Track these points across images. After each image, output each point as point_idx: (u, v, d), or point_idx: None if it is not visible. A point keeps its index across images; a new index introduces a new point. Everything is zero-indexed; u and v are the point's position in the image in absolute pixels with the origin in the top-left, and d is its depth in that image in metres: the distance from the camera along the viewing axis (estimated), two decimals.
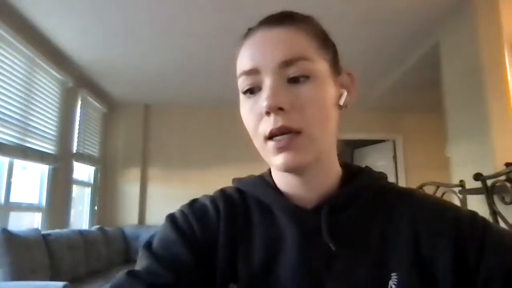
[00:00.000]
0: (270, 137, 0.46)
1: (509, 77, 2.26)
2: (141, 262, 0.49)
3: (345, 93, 0.52)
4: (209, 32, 3.04)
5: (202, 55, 3.47)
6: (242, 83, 0.49)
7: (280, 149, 0.46)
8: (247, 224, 0.52)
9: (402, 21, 2.87)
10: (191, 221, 0.52)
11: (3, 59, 2.74)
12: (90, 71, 3.87)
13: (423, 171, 4.57)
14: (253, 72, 0.48)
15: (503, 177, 1.95)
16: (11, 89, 2.83)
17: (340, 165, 0.55)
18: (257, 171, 0.61)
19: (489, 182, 2.03)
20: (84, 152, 4.15)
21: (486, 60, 2.35)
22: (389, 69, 3.82)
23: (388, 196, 0.52)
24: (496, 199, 2.01)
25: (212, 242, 0.50)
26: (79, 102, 3.99)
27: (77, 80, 3.80)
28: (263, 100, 0.46)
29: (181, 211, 0.54)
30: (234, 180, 0.59)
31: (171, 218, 0.54)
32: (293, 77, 0.47)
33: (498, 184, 1.97)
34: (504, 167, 2.03)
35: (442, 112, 2.95)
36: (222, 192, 0.57)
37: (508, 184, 1.89)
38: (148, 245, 0.51)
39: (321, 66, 0.48)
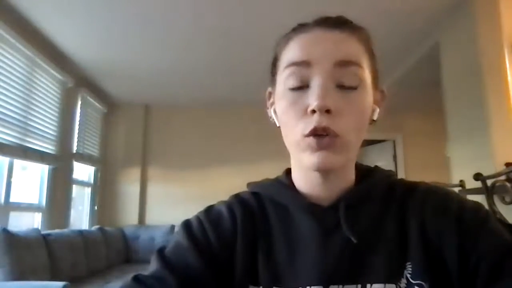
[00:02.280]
0: (310, 134, 0.47)
1: (509, 77, 2.26)
2: (151, 266, 0.50)
3: (377, 110, 0.54)
4: (209, 33, 3.04)
5: (203, 55, 3.47)
6: (289, 75, 0.49)
7: (318, 148, 0.47)
8: (265, 227, 0.54)
9: (402, 21, 2.87)
10: (207, 229, 0.53)
11: (3, 59, 2.74)
12: (90, 71, 3.87)
13: (423, 171, 4.56)
14: (304, 64, 0.48)
15: (503, 177, 1.95)
16: (11, 89, 2.83)
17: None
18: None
19: (489, 182, 2.03)
20: (84, 152, 4.15)
21: (486, 60, 2.35)
22: (389, 69, 3.82)
23: (398, 191, 0.54)
24: (496, 199, 2.01)
25: (228, 248, 0.51)
26: (79, 102, 3.99)
27: (77, 80, 3.80)
28: (312, 98, 0.46)
29: (197, 217, 0.55)
30: (249, 184, 0.60)
31: (186, 224, 0.54)
32: (343, 82, 0.47)
33: (498, 184, 1.97)
34: (504, 167, 2.03)
35: (442, 112, 2.95)
36: (237, 197, 0.58)
37: (508, 184, 1.89)
38: (161, 249, 0.52)
39: (368, 77, 0.50)
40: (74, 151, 3.90)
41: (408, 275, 0.46)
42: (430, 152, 4.84)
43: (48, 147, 3.37)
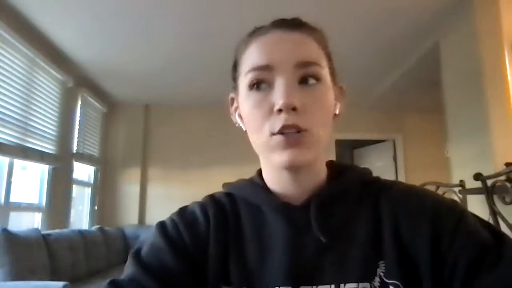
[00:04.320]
0: (278, 133, 0.47)
1: (509, 77, 2.26)
2: (127, 270, 0.49)
3: (338, 104, 0.55)
4: (209, 32, 3.05)
5: (202, 55, 3.47)
6: (252, 78, 0.50)
7: (288, 145, 0.47)
8: (237, 227, 0.54)
9: (402, 21, 2.87)
10: (181, 229, 0.53)
11: (3, 59, 2.74)
12: (90, 71, 3.87)
13: (423, 171, 4.57)
14: (266, 68, 0.49)
15: (503, 177, 1.95)
16: (11, 89, 2.83)
17: (326, 164, 0.57)
18: (256, 171, 0.61)
19: (489, 182, 2.03)
20: (84, 152, 4.15)
21: (486, 60, 2.35)
22: (389, 69, 3.82)
23: (371, 190, 0.54)
24: (496, 199, 2.00)
25: (202, 249, 0.51)
26: (79, 102, 4.00)
27: (77, 80, 3.80)
28: (277, 97, 0.47)
29: (171, 219, 0.55)
30: (224, 185, 0.61)
31: (161, 225, 0.54)
32: (304, 77, 0.49)
33: (498, 184, 1.97)
34: (504, 167, 2.03)
35: (442, 112, 2.95)
36: (211, 197, 0.58)
37: (508, 184, 1.89)
38: (137, 252, 0.51)
39: (327, 75, 0.52)
40: (74, 151, 3.90)
41: (382, 274, 0.46)
42: (430, 152, 4.84)
43: (48, 147, 3.36)
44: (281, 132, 0.47)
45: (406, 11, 2.72)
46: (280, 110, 0.46)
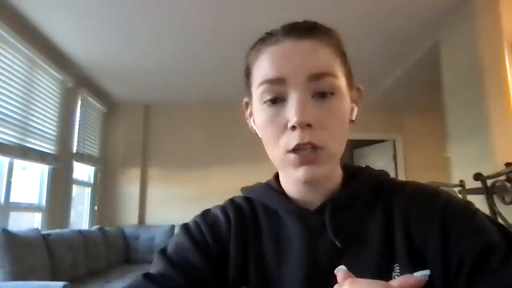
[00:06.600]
0: (293, 150, 0.47)
1: (509, 77, 2.26)
2: (156, 266, 0.51)
3: (356, 108, 0.54)
4: (209, 32, 3.04)
5: (202, 55, 3.47)
6: (264, 91, 0.49)
7: (302, 163, 0.47)
8: (256, 229, 0.56)
9: (402, 21, 2.87)
10: (203, 230, 0.55)
11: (3, 59, 2.73)
12: (90, 71, 3.87)
13: (423, 171, 4.56)
14: (278, 81, 0.48)
15: (503, 177, 1.95)
16: (11, 89, 2.83)
17: (341, 167, 0.57)
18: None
19: (489, 182, 2.03)
20: (84, 152, 4.15)
21: (486, 60, 2.35)
22: (389, 69, 3.82)
23: (385, 191, 0.53)
24: (496, 199, 2.01)
25: (224, 249, 0.54)
26: (79, 102, 4.00)
27: (77, 80, 3.80)
28: (291, 114, 0.46)
29: (194, 221, 0.57)
30: (242, 189, 0.62)
31: (185, 227, 0.57)
32: (319, 92, 0.48)
33: (498, 184, 1.97)
34: (504, 167, 2.03)
35: (442, 112, 2.95)
36: (232, 201, 0.60)
37: (508, 184, 1.89)
38: (163, 250, 0.54)
39: (342, 82, 0.50)
40: (74, 151, 3.90)
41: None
42: (430, 152, 4.84)
43: (48, 147, 3.36)
44: (296, 148, 0.47)
45: (406, 11, 2.72)
46: (294, 127, 0.46)
